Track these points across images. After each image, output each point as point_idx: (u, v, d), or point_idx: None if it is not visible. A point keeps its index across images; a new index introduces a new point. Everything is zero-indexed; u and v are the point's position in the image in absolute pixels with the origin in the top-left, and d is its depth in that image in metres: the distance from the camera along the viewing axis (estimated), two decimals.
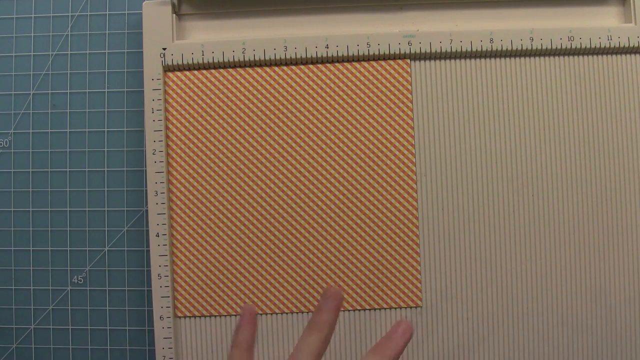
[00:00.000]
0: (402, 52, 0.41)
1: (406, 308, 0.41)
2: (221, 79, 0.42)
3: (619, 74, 0.42)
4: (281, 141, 0.42)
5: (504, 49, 0.41)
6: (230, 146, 0.42)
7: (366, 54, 0.41)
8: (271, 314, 0.41)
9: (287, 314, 0.41)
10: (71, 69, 0.44)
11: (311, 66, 0.42)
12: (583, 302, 0.41)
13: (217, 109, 0.42)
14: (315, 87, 0.42)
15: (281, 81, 0.42)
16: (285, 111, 0.42)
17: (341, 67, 0.42)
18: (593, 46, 0.41)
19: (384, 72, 0.42)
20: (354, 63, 0.42)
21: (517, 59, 0.42)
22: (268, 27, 0.43)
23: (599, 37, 0.41)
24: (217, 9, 0.43)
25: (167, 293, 0.41)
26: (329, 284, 0.41)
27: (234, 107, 0.42)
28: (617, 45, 0.41)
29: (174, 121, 0.42)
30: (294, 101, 0.42)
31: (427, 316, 0.41)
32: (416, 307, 0.41)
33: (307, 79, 0.42)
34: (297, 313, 0.41)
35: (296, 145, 0.42)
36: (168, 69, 0.42)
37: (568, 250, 0.41)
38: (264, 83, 0.42)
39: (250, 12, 0.43)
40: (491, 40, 0.41)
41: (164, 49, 0.41)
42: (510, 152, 0.42)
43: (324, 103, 0.42)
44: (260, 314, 0.41)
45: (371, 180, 0.42)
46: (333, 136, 0.42)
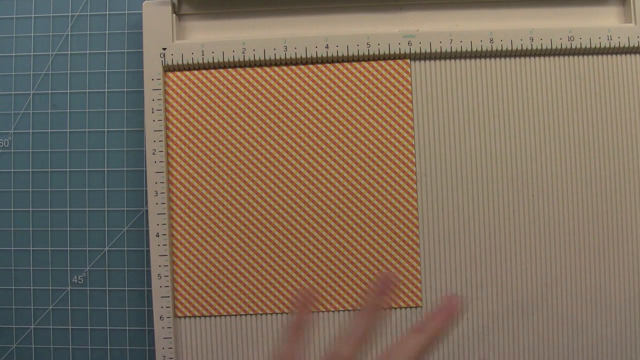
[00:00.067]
0: (402, 52, 0.41)
1: (406, 308, 0.41)
2: (221, 79, 0.42)
3: (619, 74, 0.42)
4: (281, 141, 0.42)
5: (504, 49, 0.41)
6: (230, 146, 0.42)
7: (366, 54, 0.41)
8: (271, 314, 0.41)
9: (287, 314, 0.41)
10: (71, 69, 0.44)
11: (311, 66, 0.42)
12: (583, 302, 0.41)
13: (217, 109, 0.42)
14: (315, 87, 0.42)
15: (281, 81, 0.42)
16: (285, 111, 0.42)
17: (341, 67, 0.42)
18: (593, 46, 0.41)
19: (384, 72, 0.42)
20: (354, 63, 0.42)
21: (517, 59, 0.42)
22: (268, 27, 0.43)
23: (599, 37, 0.41)
24: (217, 9, 0.42)
25: (167, 293, 0.41)
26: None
27: (234, 107, 0.42)
28: (617, 45, 0.41)
29: (174, 121, 0.42)
30: (294, 101, 0.42)
31: None
32: (416, 307, 0.41)
33: (307, 79, 0.42)
34: None
35: (296, 145, 0.42)
36: (168, 69, 0.42)
37: (568, 250, 0.41)
38: (264, 83, 0.42)
39: (250, 12, 0.43)
40: (491, 40, 0.41)
41: (164, 49, 0.41)
42: (510, 152, 0.42)
43: (324, 103, 0.42)
44: (260, 314, 0.41)
45: (371, 181, 0.42)
46: (333, 136, 0.42)
